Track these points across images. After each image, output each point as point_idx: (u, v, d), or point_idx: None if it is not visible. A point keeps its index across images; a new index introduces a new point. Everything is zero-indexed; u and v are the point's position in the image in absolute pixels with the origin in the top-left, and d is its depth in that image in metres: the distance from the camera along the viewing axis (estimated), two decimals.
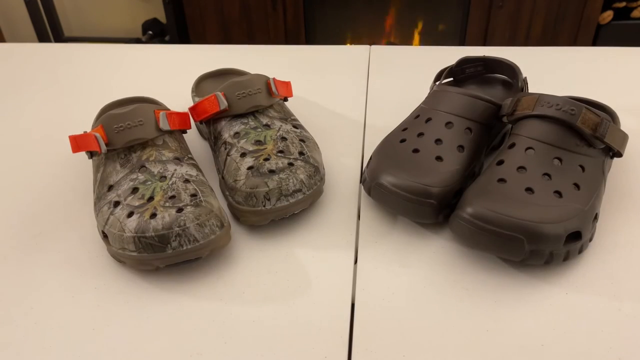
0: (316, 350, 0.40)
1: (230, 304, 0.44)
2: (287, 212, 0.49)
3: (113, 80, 0.79)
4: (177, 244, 0.43)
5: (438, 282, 0.45)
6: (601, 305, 0.42)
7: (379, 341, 0.40)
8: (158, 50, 0.89)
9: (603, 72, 0.77)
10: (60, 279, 0.46)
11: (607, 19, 1.86)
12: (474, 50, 0.81)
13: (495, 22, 1.89)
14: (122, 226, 0.44)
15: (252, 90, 0.55)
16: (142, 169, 0.49)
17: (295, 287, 0.45)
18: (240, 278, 0.46)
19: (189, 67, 0.81)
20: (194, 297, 0.44)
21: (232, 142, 0.53)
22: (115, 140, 0.49)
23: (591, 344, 0.39)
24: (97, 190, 0.50)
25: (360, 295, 0.44)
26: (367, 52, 0.85)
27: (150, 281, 0.46)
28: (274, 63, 0.82)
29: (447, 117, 0.54)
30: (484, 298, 0.43)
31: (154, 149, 0.50)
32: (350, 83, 0.77)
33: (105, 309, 0.44)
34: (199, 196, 0.46)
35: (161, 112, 0.52)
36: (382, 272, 0.46)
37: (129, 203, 0.46)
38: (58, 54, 0.87)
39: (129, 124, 0.50)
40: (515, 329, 0.41)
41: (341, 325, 0.42)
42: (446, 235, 0.49)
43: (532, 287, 0.44)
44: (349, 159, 0.60)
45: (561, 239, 0.43)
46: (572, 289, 0.44)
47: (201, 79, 0.68)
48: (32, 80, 0.79)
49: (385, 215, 0.52)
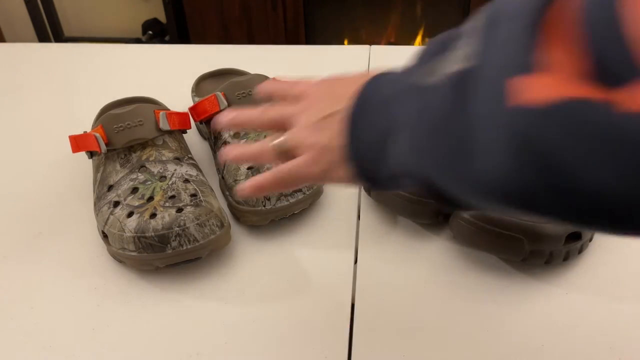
0: (316, 350, 0.40)
1: (230, 304, 0.44)
2: (287, 212, 0.49)
3: (113, 80, 0.79)
4: (177, 243, 0.43)
5: (438, 282, 0.45)
6: (601, 305, 0.42)
7: (379, 341, 0.40)
8: (158, 50, 0.89)
9: None
10: (60, 279, 0.46)
11: None
12: None
13: None
14: (122, 226, 0.44)
15: (252, 90, 0.55)
16: (142, 168, 0.49)
17: (295, 287, 0.45)
18: (240, 278, 0.46)
19: (189, 67, 0.81)
20: (194, 297, 0.44)
21: (232, 142, 0.53)
22: (115, 140, 0.49)
23: (591, 344, 0.39)
24: (97, 190, 0.50)
25: (360, 295, 0.44)
26: (367, 52, 0.85)
27: (150, 281, 0.46)
28: (274, 63, 0.82)
29: None
30: (484, 298, 0.43)
31: (154, 149, 0.50)
32: None
33: (105, 309, 0.44)
34: (199, 196, 0.46)
35: (161, 112, 0.51)
36: (382, 272, 0.46)
37: (129, 203, 0.46)
38: (58, 54, 0.87)
39: (129, 124, 0.50)
40: (515, 329, 0.41)
41: (341, 325, 0.42)
42: (446, 235, 0.49)
43: (532, 287, 0.44)
44: None
45: (561, 239, 0.43)
46: (572, 289, 0.44)
47: (201, 78, 0.68)
48: (32, 80, 0.79)
49: (385, 215, 0.52)
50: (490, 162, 0.20)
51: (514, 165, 0.19)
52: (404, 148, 0.25)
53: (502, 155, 0.19)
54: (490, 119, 0.19)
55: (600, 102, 0.16)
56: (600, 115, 0.16)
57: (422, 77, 0.24)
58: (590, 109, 0.16)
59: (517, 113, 0.18)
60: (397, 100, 0.27)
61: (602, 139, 0.16)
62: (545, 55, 0.17)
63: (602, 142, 0.16)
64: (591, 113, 0.16)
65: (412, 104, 0.25)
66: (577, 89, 0.16)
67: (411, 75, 0.26)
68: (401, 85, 0.27)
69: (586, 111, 0.16)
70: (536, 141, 0.17)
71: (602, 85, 0.16)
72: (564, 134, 0.17)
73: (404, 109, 0.26)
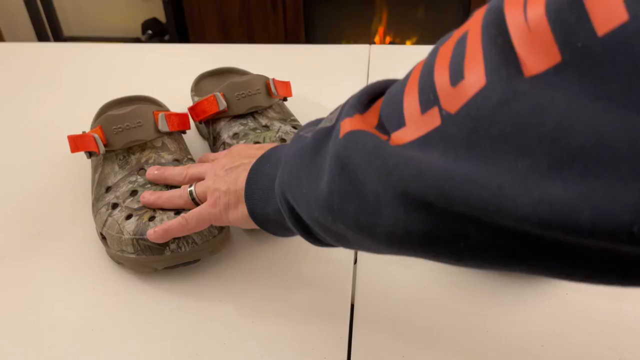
0: (316, 350, 0.40)
1: (230, 304, 0.44)
2: None
3: (113, 79, 0.79)
4: (176, 246, 0.43)
5: (438, 282, 0.45)
6: (601, 305, 0.42)
7: (379, 341, 0.40)
8: (158, 49, 0.89)
9: None
10: (59, 279, 0.46)
11: None
12: None
13: None
14: (120, 228, 0.44)
15: (252, 91, 0.55)
16: (142, 171, 0.49)
17: (295, 287, 0.45)
18: (239, 278, 0.46)
19: (188, 67, 0.81)
20: (193, 298, 0.44)
21: (231, 143, 0.53)
22: (113, 141, 0.49)
23: (591, 344, 0.39)
24: (95, 191, 0.50)
25: (360, 295, 0.44)
26: (367, 52, 0.85)
27: (149, 281, 0.46)
28: (274, 63, 0.82)
29: None
30: (483, 298, 0.43)
31: (153, 151, 0.50)
32: (350, 83, 0.76)
33: (104, 309, 0.44)
34: None
35: (160, 114, 0.51)
36: (382, 272, 0.46)
37: (128, 205, 0.46)
38: (58, 54, 0.87)
39: (128, 125, 0.50)
40: (515, 329, 0.41)
41: (341, 325, 0.42)
42: None
43: (532, 287, 0.44)
44: None
45: None
46: (572, 289, 0.44)
47: (200, 77, 0.68)
48: (31, 80, 0.79)
49: None
50: (326, 180, 0.28)
51: (336, 178, 0.27)
52: (281, 178, 0.34)
53: (331, 173, 0.27)
54: (330, 149, 0.28)
55: (374, 134, 0.25)
56: (374, 140, 0.25)
57: (304, 132, 0.34)
58: (367, 136, 0.25)
59: (336, 142, 0.27)
60: (284, 147, 0.37)
61: (372, 155, 0.24)
62: (363, 114, 0.27)
63: (372, 157, 0.24)
64: (367, 137, 0.25)
65: (291, 146, 0.34)
66: (366, 127, 0.26)
67: (298, 133, 0.35)
68: (291, 139, 0.36)
69: (364, 136, 0.25)
70: (342, 155, 0.26)
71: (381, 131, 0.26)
72: (352, 149, 0.26)
73: (286, 150, 0.35)
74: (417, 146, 0.23)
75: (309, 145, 0.31)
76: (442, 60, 0.23)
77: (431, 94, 0.23)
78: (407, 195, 0.22)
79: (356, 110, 0.28)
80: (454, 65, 0.22)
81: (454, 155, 0.21)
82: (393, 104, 0.26)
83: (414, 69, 0.25)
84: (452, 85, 0.22)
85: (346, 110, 0.28)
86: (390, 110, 0.26)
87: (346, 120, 0.27)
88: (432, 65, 0.23)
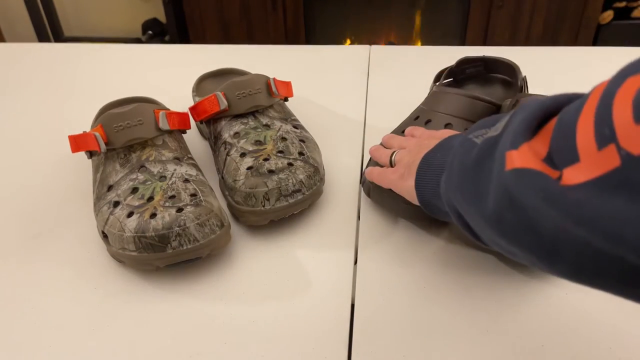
0: (316, 350, 0.40)
1: (230, 304, 0.44)
2: (287, 213, 0.49)
3: (113, 80, 0.79)
4: (177, 243, 0.43)
5: (438, 282, 0.45)
6: (601, 305, 0.42)
7: (379, 341, 0.40)
8: (158, 50, 0.89)
9: (603, 72, 0.77)
10: (60, 279, 0.46)
11: (607, 18, 1.86)
12: (474, 50, 0.81)
13: (495, 22, 1.89)
14: (122, 226, 0.44)
15: (252, 90, 0.55)
16: (142, 169, 0.49)
17: (295, 287, 0.45)
18: (240, 278, 0.46)
19: (189, 67, 0.81)
20: (194, 297, 0.44)
21: (231, 142, 0.53)
22: (114, 139, 0.49)
23: (591, 344, 0.39)
24: (97, 190, 0.50)
25: (360, 295, 0.44)
26: (367, 52, 0.85)
27: (150, 281, 0.46)
28: (274, 63, 0.82)
29: (446, 118, 0.54)
30: (483, 298, 0.43)
31: (154, 149, 0.50)
32: (350, 83, 0.77)
33: (105, 309, 0.44)
34: (199, 196, 0.46)
35: (161, 112, 0.51)
36: (382, 272, 0.46)
37: (129, 203, 0.46)
38: (58, 54, 0.87)
39: (129, 124, 0.50)
40: (515, 329, 0.41)
41: (341, 325, 0.42)
42: (446, 236, 0.49)
43: (532, 287, 0.44)
44: (349, 159, 0.60)
45: None
46: (572, 289, 0.44)
47: (202, 78, 0.68)
48: (31, 80, 0.79)
49: (385, 215, 0.52)
50: (493, 203, 0.28)
51: (504, 211, 0.27)
52: (447, 184, 0.35)
53: (498, 202, 0.27)
54: (495, 175, 0.28)
55: (544, 173, 0.24)
56: (545, 182, 0.24)
57: (474, 135, 0.34)
58: (537, 177, 0.24)
59: (502, 174, 0.27)
60: (455, 140, 0.39)
61: (546, 203, 0.24)
62: (531, 142, 0.26)
63: (546, 204, 0.24)
64: (537, 179, 0.24)
65: (459, 147, 0.35)
66: (534, 163, 0.25)
67: (468, 134, 0.35)
68: (460, 138, 0.36)
69: (534, 178, 0.25)
70: (511, 191, 0.26)
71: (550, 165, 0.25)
72: (521, 188, 0.25)
73: (454, 149, 0.36)
74: (593, 188, 0.21)
75: (474, 158, 0.31)
76: (626, 93, 0.20)
77: (606, 128, 0.21)
78: (592, 246, 0.21)
79: (523, 139, 0.26)
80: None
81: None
82: (566, 135, 0.24)
83: (592, 94, 0.23)
84: (636, 122, 0.19)
85: (513, 134, 0.27)
86: (562, 143, 0.24)
87: (513, 154, 0.26)
88: (612, 96, 0.21)
